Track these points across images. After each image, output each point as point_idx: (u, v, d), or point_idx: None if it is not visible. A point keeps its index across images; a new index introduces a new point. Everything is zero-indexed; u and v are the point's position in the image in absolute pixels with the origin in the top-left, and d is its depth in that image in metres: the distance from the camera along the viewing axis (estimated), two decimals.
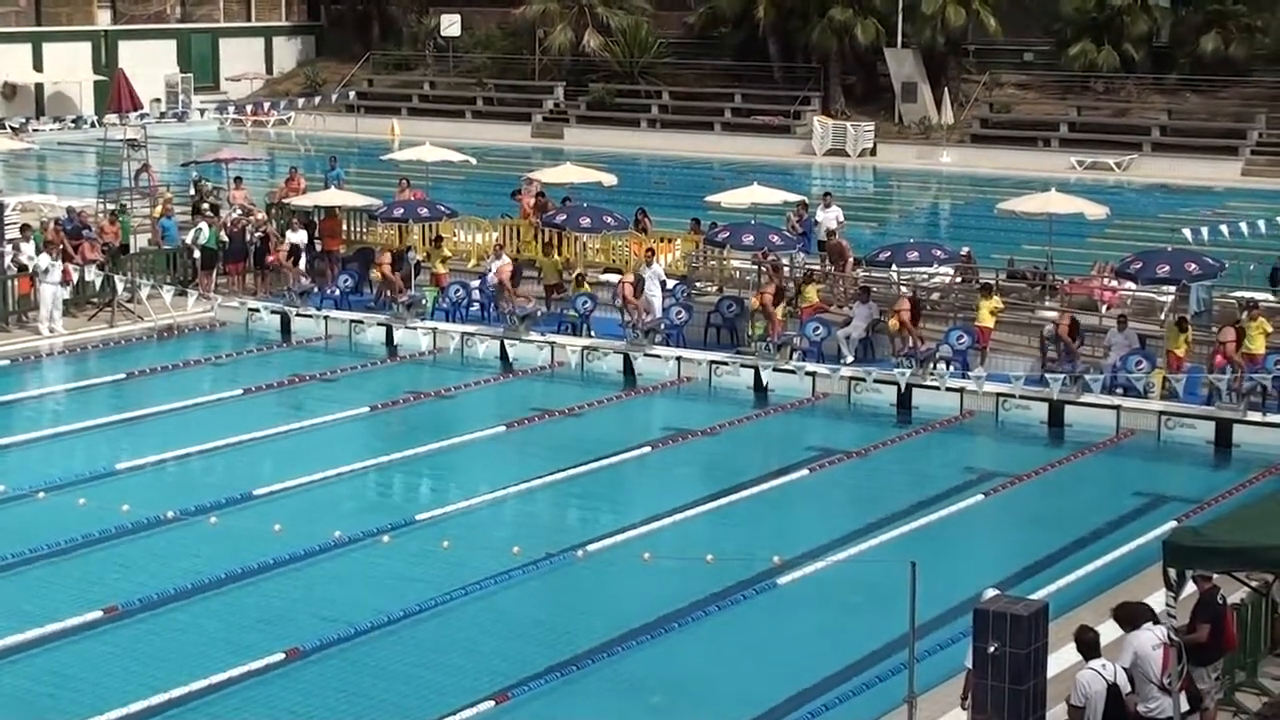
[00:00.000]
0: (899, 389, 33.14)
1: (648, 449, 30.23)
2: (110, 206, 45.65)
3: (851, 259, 39.74)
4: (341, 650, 21.08)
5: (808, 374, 34.26)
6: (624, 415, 33.30)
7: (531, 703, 19.66)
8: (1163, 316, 34.79)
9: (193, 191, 47.78)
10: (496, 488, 27.60)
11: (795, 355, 35.06)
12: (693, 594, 22.81)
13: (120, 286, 39.31)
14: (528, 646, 21.39)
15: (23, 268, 39.66)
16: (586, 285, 38.55)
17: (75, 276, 39.21)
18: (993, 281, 36.26)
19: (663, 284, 38.11)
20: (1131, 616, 16.77)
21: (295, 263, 41.45)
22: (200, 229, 42.64)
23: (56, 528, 25.07)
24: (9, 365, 36.00)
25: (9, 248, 39.90)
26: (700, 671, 20.79)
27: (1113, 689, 15.81)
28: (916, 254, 37.03)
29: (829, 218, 42.00)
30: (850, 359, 34.94)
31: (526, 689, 19.85)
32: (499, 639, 21.81)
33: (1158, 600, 16.99)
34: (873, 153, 71.27)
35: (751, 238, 37.97)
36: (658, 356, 35.80)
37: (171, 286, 40.47)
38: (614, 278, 39.32)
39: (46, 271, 38.33)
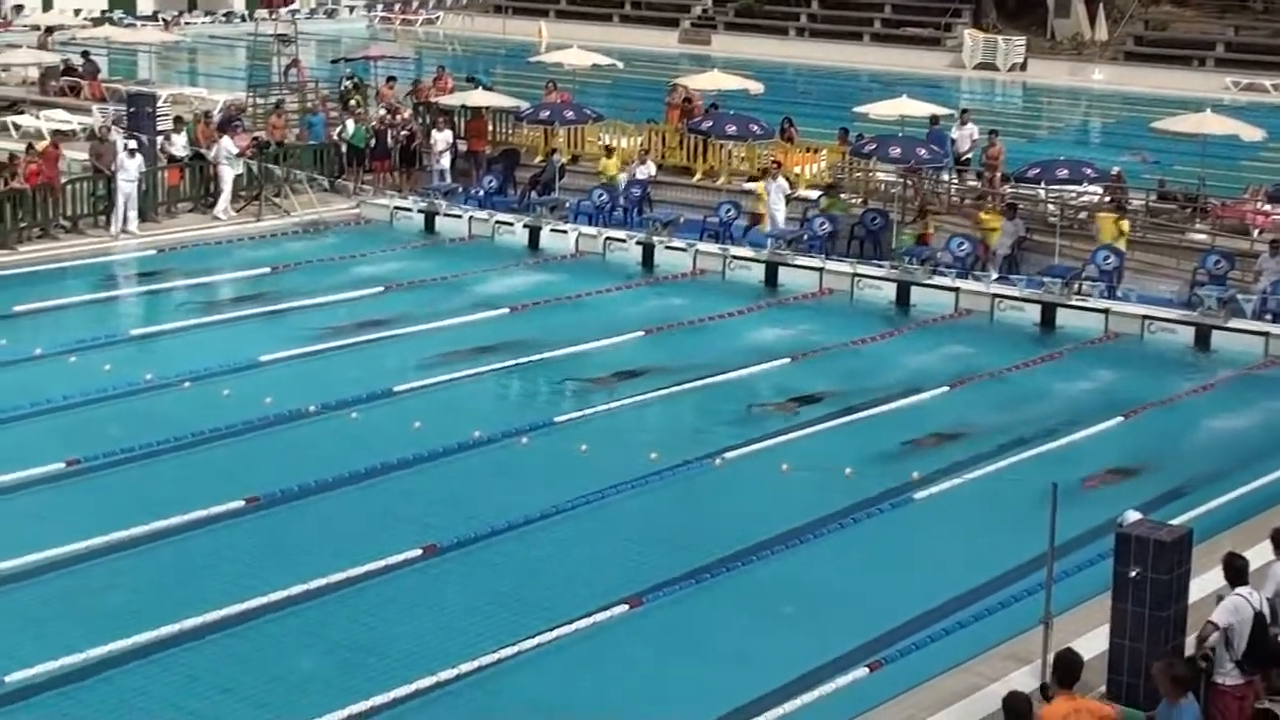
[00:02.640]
0: (1042, 307, 32.81)
1: (787, 360, 30.10)
2: (277, 99, 46.06)
3: (1000, 174, 39.29)
4: (478, 548, 21.20)
5: (950, 289, 33.99)
6: (764, 325, 33.14)
7: (665, 608, 19.67)
8: None
9: (343, 88, 47.99)
10: (635, 393, 27.61)
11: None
12: (829, 506, 22.75)
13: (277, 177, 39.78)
14: (662, 552, 21.41)
15: (173, 159, 40.09)
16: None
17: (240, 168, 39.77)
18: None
19: (787, 197, 37.84)
20: None
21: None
22: (348, 126, 42.90)
23: (201, 417, 25.41)
24: (155, 255, 36.43)
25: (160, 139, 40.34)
26: (833, 584, 20.72)
27: (1259, 617, 15.58)
28: (1066, 172, 36.64)
29: (964, 136, 41.41)
30: (994, 275, 34.59)
31: (660, 594, 19.88)
32: (634, 544, 21.86)
33: None
34: (1023, 68, 70.39)
35: (898, 150, 37.66)
36: (800, 267, 35.61)
37: (319, 181, 40.82)
38: (757, 186, 39.11)
39: (229, 157, 38.95)
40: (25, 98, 50.94)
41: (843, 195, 38.71)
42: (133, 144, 37.74)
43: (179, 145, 40.46)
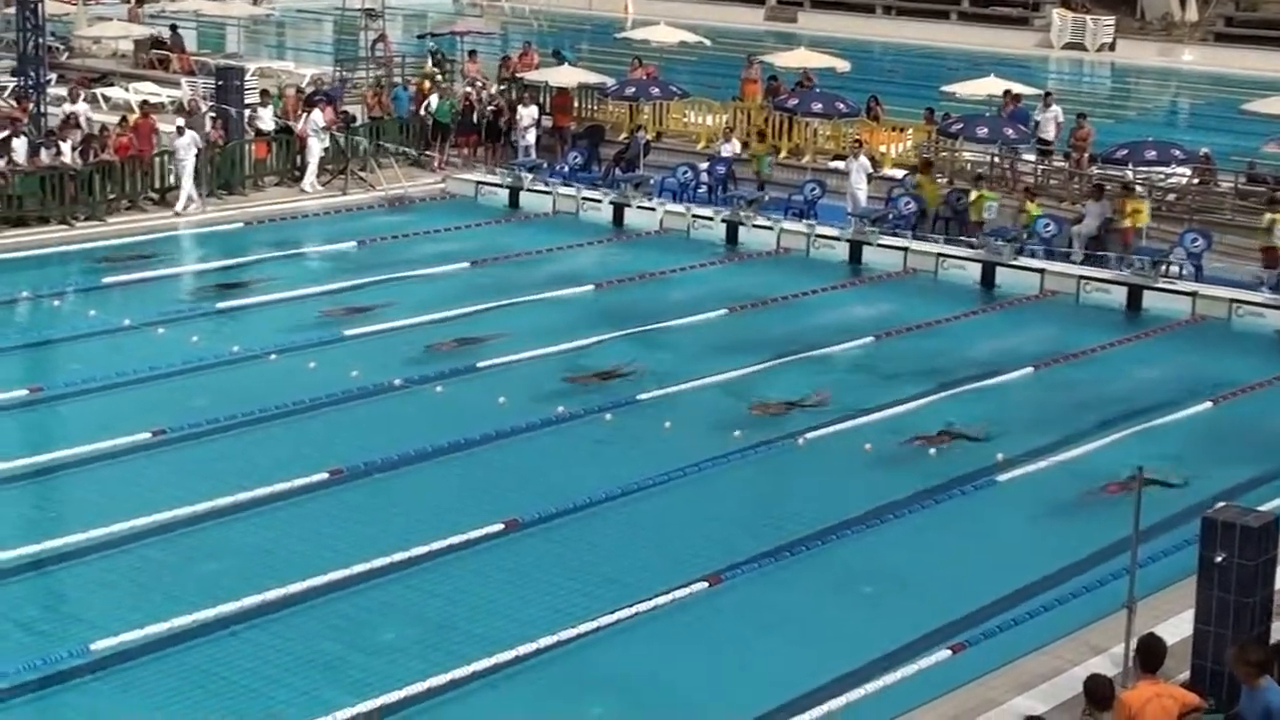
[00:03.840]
0: (1128, 289, 32.60)
1: (870, 339, 30.00)
2: (378, 75, 46.31)
3: (1088, 155, 39.00)
4: (559, 524, 21.25)
5: (1036, 270, 33.80)
6: (848, 303, 33.05)
7: (744, 586, 19.67)
8: None
9: (429, 63, 48.11)
10: (718, 371, 27.57)
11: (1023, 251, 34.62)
12: (912, 486, 22.70)
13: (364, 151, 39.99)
14: (743, 530, 21.41)
15: (260, 133, 40.33)
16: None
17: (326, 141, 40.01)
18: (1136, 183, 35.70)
19: (869, 176, 37.69)
20: None
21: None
22: (433, 101, 43.02)
23: (287, 390, 25.59)
24: (242, 229, 36.67)
25: (247, 112, 40.59)
26: (914, 564, 20.61)
27: None
28: (1154, 153, 36.40)
29: (1048, 118, 41.09)
30: (1080, 257, 34.37)
31: (739, 572, 19.87)
32: (715, 521, 21.84)
33: None
34: (1112, 48, 69.82)
35: (986, 130, 37.47)
36: (885, 246, 35.48)
37: (405, 156, 41.01)
38: (843, 164, 38.99)
39: (316, 132, 39.20)
40: (115, 70, 51.32)
41: (938, 177, 38.48)
42: (180, 121, 37.93)
43: (266, 119, 40.68)
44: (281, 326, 29.21)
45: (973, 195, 36.20)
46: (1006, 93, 41.36)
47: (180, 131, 37.05)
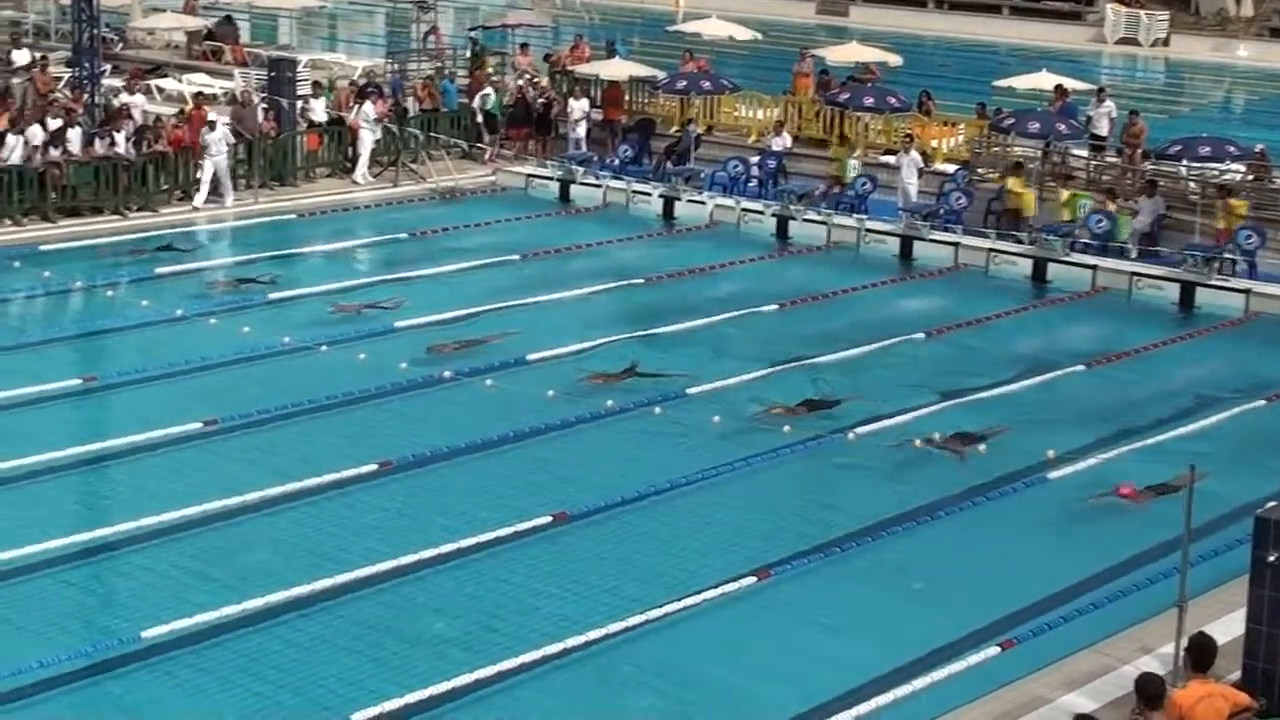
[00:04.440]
0: (1181, 286, 32.43)
1: (921, 335, 29.91)
2: (428, 70, 46.39)
3: (1141, 150, 38.81)
4: (608, 517, 21.26)
5: (1088, 266, 33.66)
6: (898, 299, 32.98)
7: (792, 581, 19.64)
8: None
9: (469, 56, 48.10)
10: (767, 365, 27.53)
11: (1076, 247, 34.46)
12: (962, 482, 22.62)
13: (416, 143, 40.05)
14: (791, 525, 21.38)
15: (312, 124, 40.45)
16: None
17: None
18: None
19: (920, 171, 37.56)
20: None
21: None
22: (486, 94, 43.08)
23: (337, 381, 25.67)
24: (294, 220, 36.80)
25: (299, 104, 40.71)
26: (964, 561, 20.55)
27: None
28: (1208, 149, 36.13)
29: (1101, 114, 40.80)
30: (1134, 253, 34.20)
31: (788, 567, 19.84)
32: (763, 516, 21.80)
33: None
34: (1165, 43, 69.47)
35: (1037, 125, 37.30)
36: (935, 241, 35.39)
37: (454, 149, 41.09)
38: (894, 159, 38.89)
39: (368, 124, 39.29)
40: (169, 61, 51.56)
41: (979, 170, 38.30)
42: (212, 115, 38.00)
43: (319, 110, 40.79)
44: (332, 317, 29.25)
45: (1064, 195, 35.98)
46: (1058, 88, 41.14)
47: (211, 126, 36.91)
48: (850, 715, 16.32)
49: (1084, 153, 39.39)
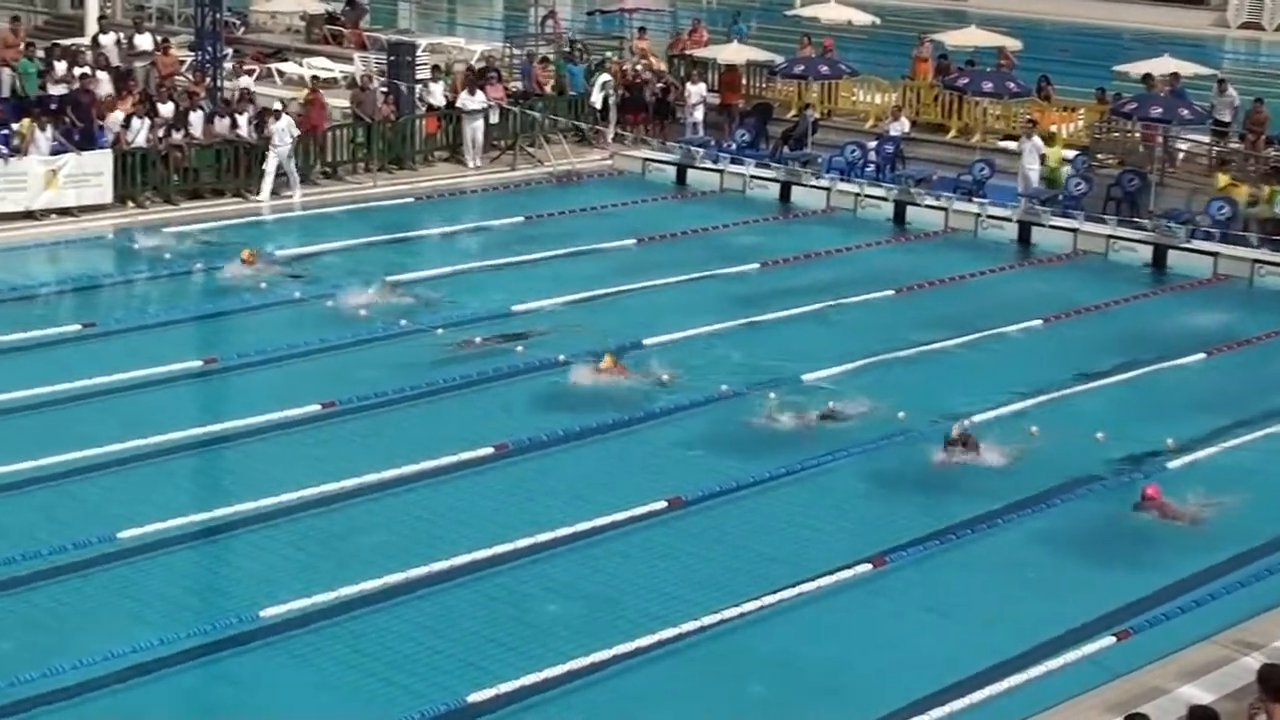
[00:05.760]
0: None
1: (1038, 321, 29.69)
2: (547, 53, 46.51)
3: (1264, 137, 38.29)
4: (722, 502, 21.28)
5: (1209, 254, 33.29)
6: (1016, 285, 32.75)
7: (908, 568, 19.59)
8: None
9: (566, 47, 48.04)
10: (880, 352, 27.44)
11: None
12: (1077, 470, 22.45)
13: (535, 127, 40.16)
14: (907, 513, 21.29)
15: (431, 108, 40.66)
16: None
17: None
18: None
19: (1042, 157, 37.20)
20: None
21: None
22: (606, 79, 43.11)
23: (453, 364, 25.82)
24: (412, 203, 37.03)
25: (419, 88, 40.94)
26: (1079, 551, 20.38)
27: None
28: None
29: (1224, 103, 40.11)
30: (1255, 241, 33.80)
31: (904, 554, 19.79)
32: (878, 503, 21.74)
33: None
34: None
35: (1160, 110, 36.88)
36: (1054, 227, 35.13)
37: (575, 132, 41.20)
38: (1014, 144, 38.60)
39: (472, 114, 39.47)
40: (289, 45, 51.98)
41: (1099, 155, 37.88)
42: (276, 105, 38.07)
43: (437, 94, 40.98)
44: (447, 301, 29.41)
45: (1266, 190, 35.33)
46: (1145, 76, 40.52)
47: (276, 116, 36.53)
48: (964, 703, 16.27)
49: (1204, 138, 38.89)
